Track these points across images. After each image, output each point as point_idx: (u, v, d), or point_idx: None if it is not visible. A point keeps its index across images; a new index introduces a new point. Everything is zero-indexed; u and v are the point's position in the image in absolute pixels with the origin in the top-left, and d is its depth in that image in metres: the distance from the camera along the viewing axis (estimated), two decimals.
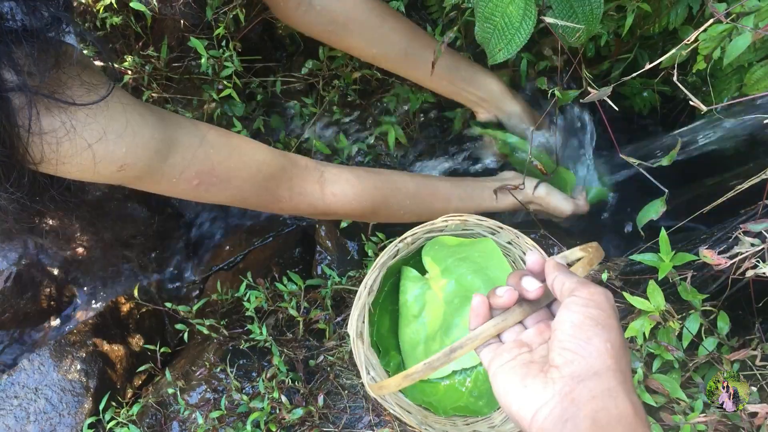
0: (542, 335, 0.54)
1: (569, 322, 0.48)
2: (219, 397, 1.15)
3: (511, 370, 0.51)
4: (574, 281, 0.51)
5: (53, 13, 0.61)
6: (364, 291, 0.83)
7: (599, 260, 0.58)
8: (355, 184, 0.94)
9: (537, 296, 0.54)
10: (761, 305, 0.86)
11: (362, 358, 0.80)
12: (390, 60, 1.06)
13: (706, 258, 0.70)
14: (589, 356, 0.46)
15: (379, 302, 0.90)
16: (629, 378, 0.47)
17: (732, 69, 0.98)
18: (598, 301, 0.49)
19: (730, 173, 1.08)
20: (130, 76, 1.42)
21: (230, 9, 1.29)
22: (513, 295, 0.55)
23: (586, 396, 0.45)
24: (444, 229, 0.86)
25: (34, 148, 0.64)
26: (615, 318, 0.49)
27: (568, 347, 0.47)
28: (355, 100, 1.36)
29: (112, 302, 1.43)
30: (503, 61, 0.82)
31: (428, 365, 0.54)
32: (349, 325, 0.81)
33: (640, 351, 0.84)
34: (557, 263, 0.55)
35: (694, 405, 0.80)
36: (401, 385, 0.56)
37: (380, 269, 0.85)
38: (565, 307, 0.50)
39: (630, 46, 1.11)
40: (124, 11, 1.43)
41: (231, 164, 0.82)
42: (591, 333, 0.47)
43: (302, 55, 1.41)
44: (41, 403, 1.25)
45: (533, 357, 0.51)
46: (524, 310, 0.55)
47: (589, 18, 0.79)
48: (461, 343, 0.54)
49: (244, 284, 1.24)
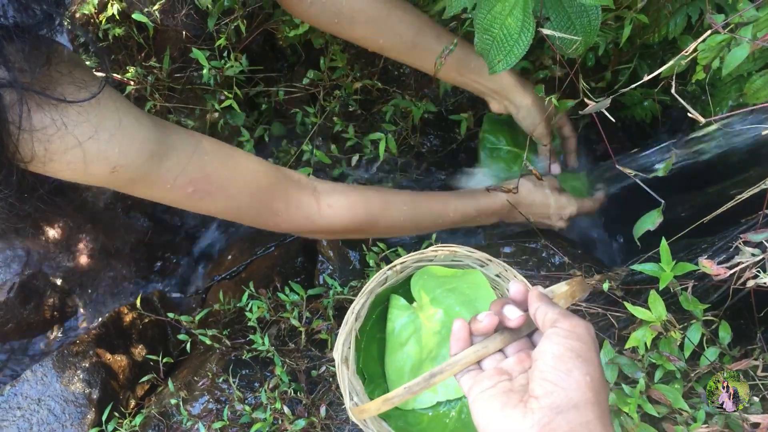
0: (522, 364, 0.54)
1: (550, 353, 0.49)
2: (221, 408, 1.15)
3: (490, 398, 0.51)
4: (557, 312, 0.52)
5: (45, 10, 0.61)
6: (351, 316, 0.83)
7: (583, 294, 0.59)
8: (350, 195, 0.94)
9: (518, 325, 0.55)
10: (763, 315, 0.86)
11: (346, 383, 0.80)
12: (397, 51, 1.05)
13: (706, 268, 0.70)
14: (569, 388, 0.47)
15: (367, 329, 0.91)
16: (607, 412, 0.48)
17: (731, 78, 0.98)
18: (579, 333, 0.50)
19: (730, 181, 1.08)
20: (133, 87, 1.43)
21: (231, 20, 1.30)
22: (493, 321, 0.55)
23: (564, 428, 0.46)
24: (434, 258, 0.86)
25: (25, 145, 0.64)
26: (595, 351, 0.50)
27: (549, 378, 0.48)
28: (356, 110, 1.36)
29: (115, 312, 1.43)
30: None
31: (408, 389, 0.54)
32: (334, 350, 0.81)
33: (642, 361, 0.84)
34: (540, 293, 0.55)
35: (696, 415, 0.80)
36: (381, 409, 0.57)
37: (368, 295, 0.85)
38: (547, 338, 0.50)
39: (630, 55, 1.12)
40: (127, 22, 1.44)
41: (226, 173, 0.82)
42: (571, 365, 0.48)
43: (304, 66, 1.42)
44: (44, 413, 1.25)
45: (513, 386, 0.52)
46: (505, 338, 0.56)
47: (587, 29, 0.80)
48: (441, 368, 0.55)
49: (246, 294, 1.24)
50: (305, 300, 1.19)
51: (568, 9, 0.80)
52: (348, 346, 0.83)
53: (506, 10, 0.78)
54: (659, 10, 0.96)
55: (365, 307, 0.86)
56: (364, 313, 0.86)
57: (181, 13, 1.37)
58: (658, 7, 0.96)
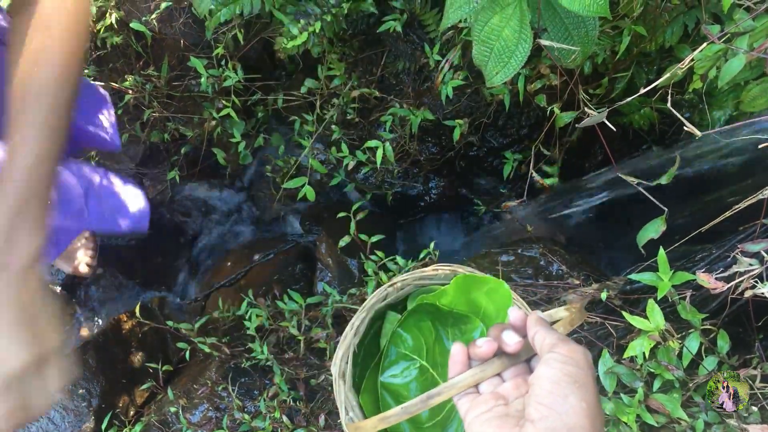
0: (519, 389, 0.54)
1: (547, 378, 0.49)
2: (221, 416, 1.15)
3: (486, 422, 0.52)
4: (555, 337, 0.52)
5: None
6: (351, 332, 0.84)
7: (581, 321, 0.59)
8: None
9: (516, 350, 0.55)
10: (761, 324, 0.86)
11: (342, 398, 0.81)
12: None
13: (703, 282, 0.70)
14: (564, 414, 0.47)
15: (364, 344, 0.92)
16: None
17: (728, 87, 0.99)
18: (576, 359, 0.50)
19: (727, 190, 1.08)
20: (131, 95, 1.43)
21: (229, 29, 1.30)
22: (492, 347, 0.56)
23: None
24: (434, 277, 0.87)
25: None
26: (592, 377, 0.50)
27: (545, 402, 0.48)
28: (354, 119, 1.36)
29: (114, 320, 1.43)
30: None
31: (405, 409, 0.55)
32: (332, 365, 0.82)
33: (641, 370, 0.84)
34: (539, 318, 0.56)
35: (695, 424, 0.80)
36: (377, 427, 0.57)
37: (368, 311, 0.86)
38: (545, 362, 0.51)
39: (627, 63, 1.12)
40: (125, 31, 1.44)
41: None
42: (568, 390, 0.48)
43: (302, 74, 1.42)
44: (43, 422, 1.25)
45: (509, 410, 0.52)
46: (503, 363, 0.56)
47: (585, 40, 0.80)
48: (439, 390, 0.55)
49: (245, 302, 1.24)
50: (304, 308, 1.19)
51: (565, 20, 0.80)
52: (346, 361, 0.84)
53: (503, 22, 0.78)
54: (656, 19, 0.96)
55: (364, 323, 0.86)
56: (363, 329, 0.87)
57: (179, 21, 1.38)
58: (654, 16, 0.96)
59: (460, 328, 0.90)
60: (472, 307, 0.88)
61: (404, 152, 1.35)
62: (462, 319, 0.89)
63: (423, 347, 0.90)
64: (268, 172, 1.49)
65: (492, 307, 0.85)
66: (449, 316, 0.91)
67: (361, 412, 0.85)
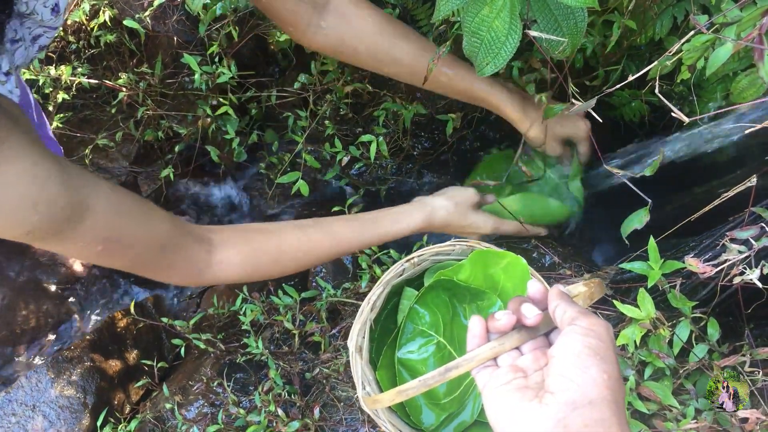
0: (538, 362, 0.54)
1: (568, 350, 0.49)
2: (216, 412, 1.15)
3: (505, 394, 0.51)
4: (576, 310, 0.52)
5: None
6: (367, 306, 0.84)
7: (600, 295, 0.59)
8: (242, 249, 0.89)
9: (535, 323, 0.55)
10: (750, 311, 0.87)
11: (359, 373, 0.81)
12: (403, 77, 1.06)
13: (692, 267, 0.71)
14: (585, 385, 0.47)
15: (381, 320, 0.91)
16: (623, 411, 0.48)
17: (717, 78, 0.99)
18: (598, 332, 0.50)
19: (718, 180, 1.09)
20: (125, 93, 1.43)
21: (223, 26, 1.30)
22: (511, 320, 0.55)
23: (579, 424, 0.45)
24: (451, 252, 0.87)
25: None
26: (613, 350, 0.50)
27: (565, 374, 0.48)
28: (348, 114, 1.37)
29: (109, 318, 1.44)
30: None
31: (423, 382, 0.54)
32: (349, 339, 0.82)
33: (632, 359, 0.85)
34: (560, 291, 0.55)
35: (686, 411, 0.81)
36: (395, 401, 0.57)
37: (385, 286, 0.86)
38: (565, 335, 0.50)
39: (618, 57, 1.13)
40: (118, 29, 1.45)
41: (138, 232, 0.78)
42: (589, 362, 0.48)
43: (295, 70, 1.42)
44: (39, 420, 1.25)
45: (528, 383, 0.52)
46: (522, 336, 0.56)
47: (573, 31, 0.80)
48: (457, 362, 0.55)
49: (240, 298, 1.24)
50: (299, 303, 1.20)
51: (554, 11, 0.81)
52: (362, 336, 0.84)
53: (493, 13, 0.78)
54: (645, 12, 0.97)
55: (381, 298, 0.86)
56: (380, 304, 0.87)
57: (172, 19, 1.38)
58: (644, 8, 0.97)
59: (477, 305, 0.90)
60: (490, 283, 0.87)
61: (398, 147, 1.36)
62: (479, 295, 0.89)
63: (440, 323, 0.90)
64: (262, 168, 1.49)
65: (509, 284, 0.85)
66: (466, 293, 0.90)
67: (377, 387, 0.85)
